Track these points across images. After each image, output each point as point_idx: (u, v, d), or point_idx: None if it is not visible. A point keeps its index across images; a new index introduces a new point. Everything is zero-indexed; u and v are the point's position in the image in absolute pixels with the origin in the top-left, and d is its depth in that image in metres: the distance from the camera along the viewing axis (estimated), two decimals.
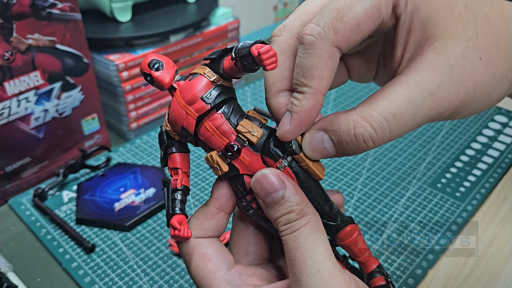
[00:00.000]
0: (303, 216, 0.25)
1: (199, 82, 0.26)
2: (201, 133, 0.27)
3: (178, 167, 0.29)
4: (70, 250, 0.48)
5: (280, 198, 0.25)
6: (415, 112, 0.22)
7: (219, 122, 0.27)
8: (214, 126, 0.27)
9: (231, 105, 0.27)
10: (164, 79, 0.27)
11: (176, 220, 0.27)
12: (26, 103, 0.54)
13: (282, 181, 0.25)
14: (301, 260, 0.24)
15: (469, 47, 0.22)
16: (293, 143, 0.26)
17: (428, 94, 0.22)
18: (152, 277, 0.45)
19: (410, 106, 0.22)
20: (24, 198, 0.56)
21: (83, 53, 0.57)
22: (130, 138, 0.67)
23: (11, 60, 0.50)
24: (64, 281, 0.46)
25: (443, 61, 0.22)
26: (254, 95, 0.78)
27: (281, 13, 1.02)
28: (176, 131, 0.27)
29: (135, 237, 0.50)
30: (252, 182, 0.26)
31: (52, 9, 0.52)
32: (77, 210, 0.53)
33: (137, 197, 0.54)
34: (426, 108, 0.22)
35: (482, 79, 0.23)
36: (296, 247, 0.24)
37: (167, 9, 0.72)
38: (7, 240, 0.51)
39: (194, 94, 0.26)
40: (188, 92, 0.26)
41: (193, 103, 0.26)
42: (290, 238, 0.25)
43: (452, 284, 0.44)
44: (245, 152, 0.27)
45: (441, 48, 0.22)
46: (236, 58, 0.24)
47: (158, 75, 0.27)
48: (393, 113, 0.22)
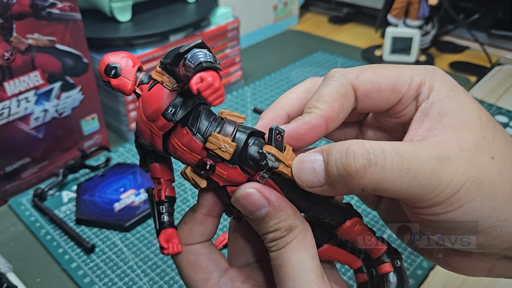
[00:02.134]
0: (291, 231, 0.23)
1: (158, 93, 0.23)
2: (170, 151, 0.24)
3: (159, 177, 0.27)
4: (69, 251, 0.48)
5: (264, 216, 0.23)
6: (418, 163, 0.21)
7: (186, 139, 0.23)
8: (182, 144, 0.23)
9: (198, 115, 0.23)
10: (125, 87, 0.24)
11: (164, 237, 0.26)
12: (26, 103, 0.53)
13: (264, 198, 0.23)
14: (285, 279, 0.23)
15: (483, 142, 0.22)
16: (268, 159, 0.23)
17: (434, 157, 0.21)
18: (152, 277, 0.45)
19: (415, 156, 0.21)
20: (23, 199, 0.56)
21: (83, 53, 0.57)
22: (130, 138, 0.67)
23: (11, 60, 0.50)
24: (63, 281, 0.46)
25: (455, 142, 0.22)
26: (254, 95, 0.77)
27: (281, 13, 1.02)
28: (146, 145, 0.25)
29: (134, 238, 0.50)
30: (233, 201, 0.24)
31: (52, 9, 0.52)
32: (77, 211, 0.53)
33: (136, 197, 0.54)
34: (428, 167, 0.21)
35: (491, 177, 0.22)
36: (280, 265, 0.23)
37: (167, 8, 0.72)
38: (7, 240, 0.50)
39: (155, 110, 0.23)
40: (149, 107, 0.23)
41: (155, 120, 0.23)
42: (275, 255, 0.23)
43: (452, 284, 0.43)
44: (221, 166, 0.24)
45: (456, 134, 0.22)
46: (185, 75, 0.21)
47: (117, 84, 0.24)
48: (396, 149, 0.21)
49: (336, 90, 0.24)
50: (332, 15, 1.12)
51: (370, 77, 0.24)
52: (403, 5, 0.81)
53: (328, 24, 1.09)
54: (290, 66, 0.87)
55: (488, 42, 0.91)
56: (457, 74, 0.83)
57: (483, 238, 0.23)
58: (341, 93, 0.24)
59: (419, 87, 0.24)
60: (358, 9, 1.10)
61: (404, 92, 0.24)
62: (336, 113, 0.24)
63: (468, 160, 0.22)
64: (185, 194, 0.56)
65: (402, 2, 0.81)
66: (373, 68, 0.25)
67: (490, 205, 0.22)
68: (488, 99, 0.74)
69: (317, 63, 0.88)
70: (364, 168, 0.20)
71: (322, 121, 0.24)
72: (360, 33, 1.03)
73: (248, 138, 0.24)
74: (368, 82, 0.24)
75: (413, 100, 0.24)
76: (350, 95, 0.24)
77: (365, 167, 0.20)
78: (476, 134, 0.23)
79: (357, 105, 0.25)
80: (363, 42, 0.98)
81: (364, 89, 0.24)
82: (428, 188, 0.21)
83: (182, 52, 0.21)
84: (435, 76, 0.24)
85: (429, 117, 0.24)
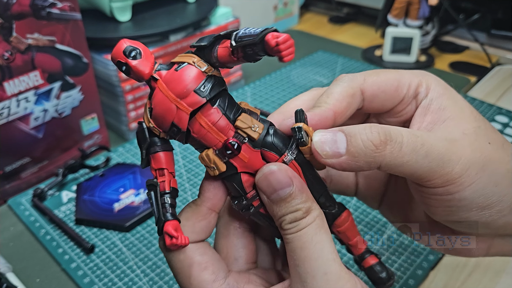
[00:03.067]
0: (309, 214, 0.24)
1: (189, 72, 0.23)
2: (195, 130, 0.24)
3: (164, 168, 0.25)
4: (69, 251, 0.48)
5: (287, 195, 0.24)
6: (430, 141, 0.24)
7: (215, 118, 0.24)
8: (210, 122, 0.24)
9: (226, 98, 0.25)
10: (144, 69, 0.24)
11: (172, 226, 0.24)
12: (25, 103, 0.53)
13: (290, 178, 0.24)
14: (307, 260, 0.23)
15: (479, 130, 0.26)
16: (303, 134, 0.24)
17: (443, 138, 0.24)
18: (152, 277, 0.45)
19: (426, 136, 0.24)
20: (23, 198, 0.56)
21: (83, 53, 0.57)
22: (130, 138, 0.67)
23: (11, 60, 0.50)
24: (63, 281, 0.46)
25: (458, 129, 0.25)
26: (254, 95, 0.77)
27: (281, 13, 1.02)
28: (163, 127, 0.25)
29: (134, 238, 0.50)
30: (258, 178, 0.25)
31: (52, 8, 0.52)
32: (77, 211, 0.53)
33: (136, 197, 0.54)
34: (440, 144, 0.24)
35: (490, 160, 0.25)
36: (301, 247, 0.24)
37: (167, 8, 0.72)
38: (7, 240, 0.50)
39: (186, 86, 0.23)
40: (177, 84, 0.24)
41: (185, 97, 0.23)
42: (295, 237, 0.24)
43: (453, 284, 0.43)
44: (244, 149, 0.24)
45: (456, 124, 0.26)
46: (238, 46, 0.22)
47: (137, 65, 0.24)
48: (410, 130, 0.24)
49: (345, 90, 0.26)
50: (332, 15, 1.12)
51: (376, 80, 0.27)
52: (403, 5, 0.81)
53: (328, 24, 1.09)
54: (290, 66, 0.87)
55: (488, 42, 0.91)
56: (457, 74, 0.83)
57: (487, 214, 0.26)
58: (349, 93, 0.27)
59: (417, 88, 0.27)
60: (358, 9, 1.10)
61: (405, 92, 0.27)
62: (344, 110, 0.26)
63: (471, 143, 0.25)
64: (185, 194, 0.56)
65: (402, 2, 0.81)
66: (377, 72, 0.28)
67: (494, 181, 0.25)
68: (488, 99, 0.74)
69: (318, 63, 0.88)
70: (386, 141, 0.23)
71: (331, 114, 0.26)
72: (360, 33, 1.03)
73: (270, 125, 0.25)
74: (374, 84, 0.27)
75: (413, 99, 0.27)
76: (358, 96, 0.27)
77: (387, 141, 0.23)
78: (473, 123, 0.26)
79: (364, 105, 0.28)
80: (364, 42, 0.98)
81: (371, 91, 0.27)
82: (441, 164, 0.23)
83: (224, 34, 0.23)
84: (430, 78, 0.28)
85: (430, 112, 0.26)
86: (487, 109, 0.71)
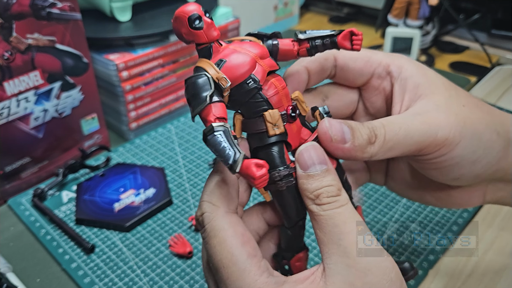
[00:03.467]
0: (342, 192, 0.26)
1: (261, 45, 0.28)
2: (267, 88, 0.26)
3: (225, 117, 0.25)
4: (69, 251, 0.48)
5: (325, 170, 0.26)
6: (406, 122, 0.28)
7: (284, 84, 0.27)
8: (281, 86, 0.27)
9: None
10: (216, 30, 0.26)
11: (255, 163, 0.23)
12: (25, 103, 0.53)
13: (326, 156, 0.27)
14: (351, 234, 0.25)
15: (451, 98, 0.30)
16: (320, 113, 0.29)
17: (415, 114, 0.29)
18: (152, 277, 0.45)
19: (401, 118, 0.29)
20: (23, 198, 0.56)
21: (83, 53, 0.57)
22: (130, 138, 0.67)
23: (11, 60, 0.50)
24: (63, 281, 0.46)
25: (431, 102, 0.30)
26: None
27: (281, 13, 1.02)
28: (238, 79, 0.25)
29: (135, 238, 0.50)
30: (301, 149, 0.27)
31: (52, 8, 0.52)
32: (77, 210, 0.53)
33: (137, 197, 0.54)
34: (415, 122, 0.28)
35: (469, 119, 0.29)
36: (344, 221, 0.25)
37: (167, 8, 0.72)
38: (7, 240, 0.50)
39: (265, 51, 0.27)
40: (257, 47, 0.27)
41: (264, 58, 0.27)
42: (336, 212, 0.25)
43: (453, 284, 0.43)
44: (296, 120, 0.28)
45: (429, 98, 0.30)
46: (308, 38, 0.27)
47: (212, 23, 0.26)
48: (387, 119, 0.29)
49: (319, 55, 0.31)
50: (332, 15, 1.12)
51: (348, 52, 0.30)
52: (403, 5, 0.81)
53: (329, 24, 1.09)
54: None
55: (488, 42, 0.91)
56: (458, 74, 0.83)
57: (479, 167, 0.30)
58: (322, 56, 0.32)
59: (388, 66, 0.32)
60: (359, 9, 1.10)
61: (375, 67, 0.32)
62: (315, 68, 0.32)
63: (444, 111, 0.29)
64: (185, 194, 0.56)
65: (402, 2, 0.81)
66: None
67: (477, 137, 0.29)
68: (488, 99, 0.74)
69: None
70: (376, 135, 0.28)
71: (304, 70, 0.32)
72: None
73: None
74: (346, 54, 0.32)
75: (387, 75, 0.32)
76: (330, 60, 0.32)
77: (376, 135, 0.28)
78: (444, 94, 0.30)
79: (336, 72, 0.33)
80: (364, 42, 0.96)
81: (343, 59, 0.32)
82: (423, 135, 0.28)
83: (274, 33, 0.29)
84: (401, 59, 0.32)
85: (408, 91, 0.31)
86: None
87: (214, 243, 0.25)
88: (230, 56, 0.26)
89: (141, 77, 0.64)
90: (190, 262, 0.47)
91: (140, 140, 0.66)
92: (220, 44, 0.27)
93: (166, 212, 0.53)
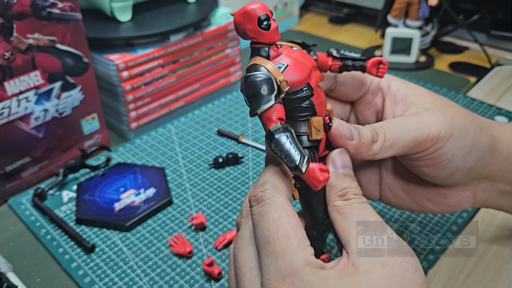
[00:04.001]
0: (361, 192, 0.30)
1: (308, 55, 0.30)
2: (316, 97, 0.28)
3: (284, 119, 0.26)
4: (70, 250, 0.48)
5: (351, 174, 0.30)
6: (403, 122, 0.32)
7: (324, 96, 0.30)
8: (323, 97, 0.29)
9: None
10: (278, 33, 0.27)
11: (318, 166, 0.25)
12: (26, 102, 0.53)
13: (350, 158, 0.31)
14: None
15: (436, 101, 0.34)
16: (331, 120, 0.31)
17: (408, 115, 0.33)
18: (152, 277, 0.45)
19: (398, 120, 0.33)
20: (23, 198, 0.56)
21: (83, 53, 0.57)
22: (130, 138, 0.67)
23: (11, 59, 0.50)
24: (63, 281, 0.46)
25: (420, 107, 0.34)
26: None
27: (281, 13, 1.02)
28: (296, 84, 0.27)
29: (135, 237, 0.50)
30: (336, 152, 0.30)
31: (53, 8, 0.52)
32: (77, 210, 0.53)
33: (137, 197, 0.54)
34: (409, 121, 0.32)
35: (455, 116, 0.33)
36: (370, 212, 0.28)
37: (167, 8, 0.72)
38: (7, 240, 0.50)
39: (315, 64, 0.29)
40: (309, 57, 0.29)
41: (315, 70, 0.29)
42: (362, 205, 0.29)
43: (453, 284, 0.44)
44: None
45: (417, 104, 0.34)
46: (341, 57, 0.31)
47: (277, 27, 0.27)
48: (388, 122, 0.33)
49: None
50: (332, 16, 1.12)
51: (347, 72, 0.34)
52: (403, 5, 0.81)
53: (328, 25, 1.09)
54: None
55: (487, 42, 0.91)
56: (457, 75, 0.83)
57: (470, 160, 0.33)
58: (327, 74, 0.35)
59: (379, 83, 0.36)
60: (358, 9, 1.10)
61: (369, 84, 0.36)
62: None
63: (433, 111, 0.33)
64: (185, 194, 0.56)
65: (402, 3, 0.81)
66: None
67: (465, 131, 0.33)
68: (488, 99, 0.75)
69: None
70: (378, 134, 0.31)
71: None
72: (360, 34, 1.03)
73: None
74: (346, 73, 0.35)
75: (378, 91, 0.36)
76: (332, 75, 0.35)
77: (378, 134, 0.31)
78: (430, 99, 0.34)
79: (336, 86, 0.36)
80: (363, 42, 0.98)
81: (343, 75, 0.35)
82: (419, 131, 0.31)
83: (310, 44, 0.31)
84: (389, 76, 0.36)
85: (398, 102, 0.35)
86: (487, 109, 0.71)
87: (273, 216, 0.26)
88: (290, 62, 0.27)
89: (141, 77, 0.64)
90: (190, 262, 0.47)
91: (140, 140, 0.67)
92: (277, 47, 0.28)
93: (166, 212, 0.53)
